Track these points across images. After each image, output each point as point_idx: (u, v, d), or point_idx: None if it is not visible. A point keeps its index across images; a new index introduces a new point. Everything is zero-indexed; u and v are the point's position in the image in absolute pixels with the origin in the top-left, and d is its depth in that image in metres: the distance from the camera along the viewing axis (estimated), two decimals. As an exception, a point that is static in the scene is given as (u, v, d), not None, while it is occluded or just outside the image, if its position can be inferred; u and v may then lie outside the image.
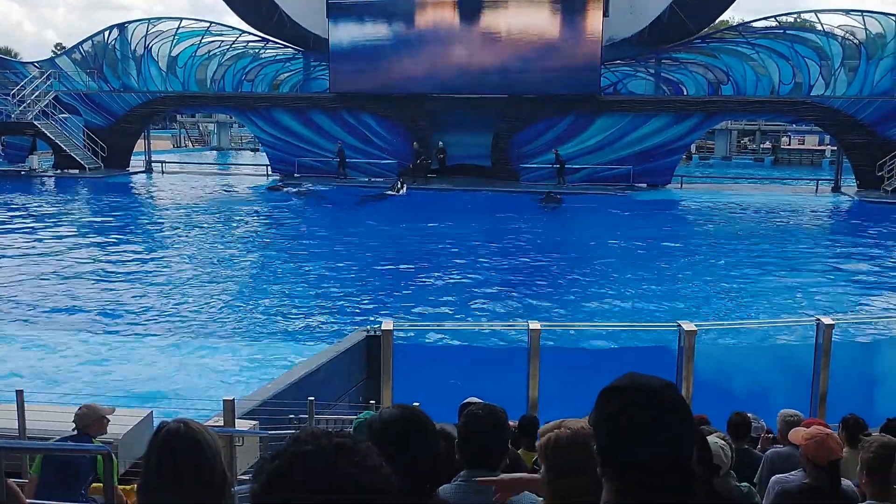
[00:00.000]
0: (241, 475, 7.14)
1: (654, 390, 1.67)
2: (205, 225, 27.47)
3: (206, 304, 16.84)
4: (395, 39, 37.36)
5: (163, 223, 28.04)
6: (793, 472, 4.49)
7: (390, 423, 2.50)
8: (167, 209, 31.61)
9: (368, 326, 11.71)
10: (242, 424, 7.59)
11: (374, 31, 37.52)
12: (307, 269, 20.40)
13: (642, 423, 1.63)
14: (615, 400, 1.69)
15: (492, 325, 14.60)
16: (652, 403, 1.65)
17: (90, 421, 5.97)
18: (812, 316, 11.29)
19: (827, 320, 10.21)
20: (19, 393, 6.79)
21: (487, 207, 31.00)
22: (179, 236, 25.21)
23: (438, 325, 13.79)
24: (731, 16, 53.62)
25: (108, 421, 6.16)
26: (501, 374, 10.59)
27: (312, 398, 8.25)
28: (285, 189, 35.37)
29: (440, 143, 38.00)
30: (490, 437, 3.06)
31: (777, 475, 4.62)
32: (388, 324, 10.31)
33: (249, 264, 21.33)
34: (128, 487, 5.89)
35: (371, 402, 9.77)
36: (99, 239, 24.22)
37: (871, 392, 10.93)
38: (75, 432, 5.98)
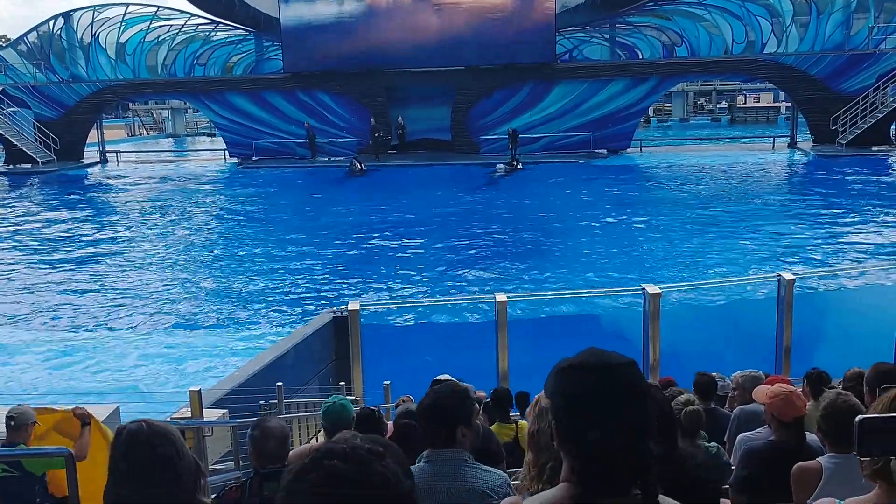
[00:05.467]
0: (213, 465, 7.09)
1: (612, 369, 1.65)
2: (158, 213, 27.08)
3: (162, 295, 16.63)
4: (347, 15, 36.96)
5: (113, 215, 27.60)
6: (759, 430, 4.54)
7: None
8: (120, 198, 31.11)
9: (335, 308, 11.66)
10: (211, 414, 7.52)
11: (325, 7, 37.05)
12: (268, 252, 20.22)
13: (597, 404, 1.61)
14: (570, 378, 1.67)
15: (458, 300, 14.60)
16: (607, 383, 1.63)
17: (24, 425, 5.21)
18: (774, 272, 11.43)
19: (788, 276, 10.34)
20: (-22, 396, 6.63)
21: (447, 181, 30.90)
22: (126, 226, 24.80)
23: (405, 303, 13.77)
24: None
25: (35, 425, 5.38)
26: (472, 348, 10.61)
27: (281, 383, 8.20)
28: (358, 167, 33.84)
29: (399, 118, 37.77)
30: (442, 412, 3.02)
31: (743, 433, 4.68)
32: (354, 304, 10.27)
33: (212, 249, 21.10)
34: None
35: (341, 383, 9.74)
36: (51, 234, 23.78)
37: (835, 343, 11.11)
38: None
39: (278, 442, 3.60)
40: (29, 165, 38.08)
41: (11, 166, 38.51)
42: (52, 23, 40.06)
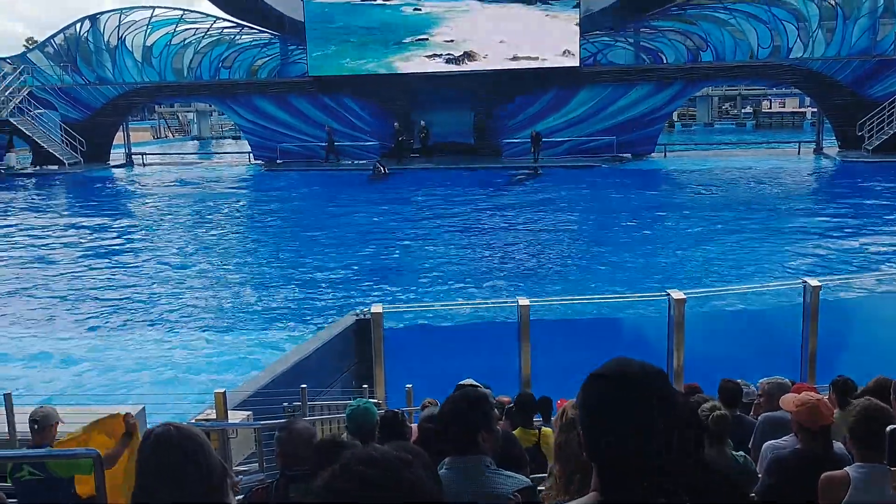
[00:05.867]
0: (236, 466, 7.14)
1: (628, 377, 1.65)
2: (185, 215, 27.28)
3: (188, 296, 16.75)
4: (372, 18, 37.13)
5: (142, 215, 27.84)
6: (785, 438, 4.51)
7: None
8: (147, 200, 31.37)
9: (358, 310, 11.70)
10: (235, 416, 7.56)
11: (350, 10, 37.21)
12: (292, 254, 20.32)
13: (613, 412, 1.62)
14: (591, 388, 1.68)
15: (481, 304, 14.59)
16: (623, 392, 1.63)
17: (48, 427, 5.30)
18: (799, 278, 11.33)
19: (813, 282, 10.25)
20: (7, 397, 6.71)
21: (469, 185, 30.89)
22: (151, 227, 25.00)
23: (428, 306, 13.77)
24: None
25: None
26: (494, 352, 10.59)
27: (304, 386, 8.23)
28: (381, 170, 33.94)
29: (422, 122, 37.85)
30: (461, 418, 3.02)
31: (769, 441, 4.65)
32: (377, 307, 10.28)
33: (237, 252, 21.24)
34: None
35: (364, 386, 9.77)
36: (76, 234, 24.02)
37: (860, 350, 10.99)
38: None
39: (305, 444, 3.62)
40: (56, 167, 38.51)
41: (38, 168, 38.95)
42: (78, 25, 40.51)
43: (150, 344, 13.72)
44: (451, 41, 36.62)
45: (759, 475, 4.27)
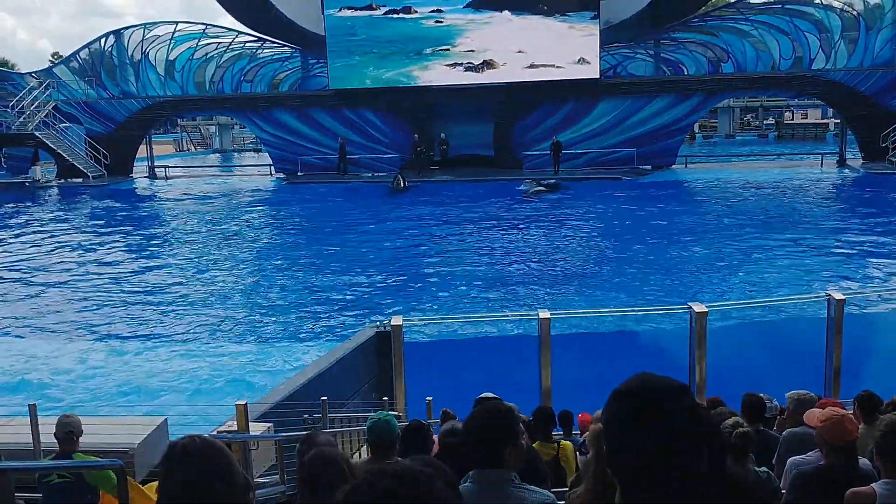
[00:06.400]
0: (257, 478, 7.15)
1: (663, 396, 1.64)
2: (206, 228, 27.47)
3: (209, 307, 16.84)
4: (393, 31, 37.35)
5: (164, 227, 28.07)
6: (809, 454, 4.46)
7: None
8: (170, 213, 31.62)
9: (378, 323, 11.71)
10: (256, 427, 7.59)
11: (372, 23, 37.45)
12: (312, 267, 20.38)
13: (646, 432, 1.61)
14: (621, 405, 1.67)
15: (501, 316, 14.57)
16: (657, 411, 1.62)
17: (74, 435, 5.44)
18: (822, 291, 11.23)
19: (838, 295, 10.16)
20: (32, 408, 6.77)
21: (489, 197, 30.89)
22: (179, 241, 25.17)
23: (448, 318, 13.76)
24: (727, -7, 53.17)
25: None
26: (514, 365, 10.57)
27: (325, 398, 8.25)
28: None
29: (442, 134, 37.96)
30: (489, 432, 3.01)
31: (794, 457, 4.60)
32: (397, 319, 10.30)
33: (254, 264, 21.34)
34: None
35: (384, 398, 9.77)
36: (101, 246, 24.23)
37: (885, 364, 10.87)
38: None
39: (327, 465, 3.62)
40: (80, 180, 38.91)
41: (63, 180, 39.38)
42: (103, 41, 41.03)
43: (172, 355, 13.79)
44: (472, 51, 36.79)
45: (783, 491, 4.22)
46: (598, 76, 35.91)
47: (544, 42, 35.91)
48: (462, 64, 36.87)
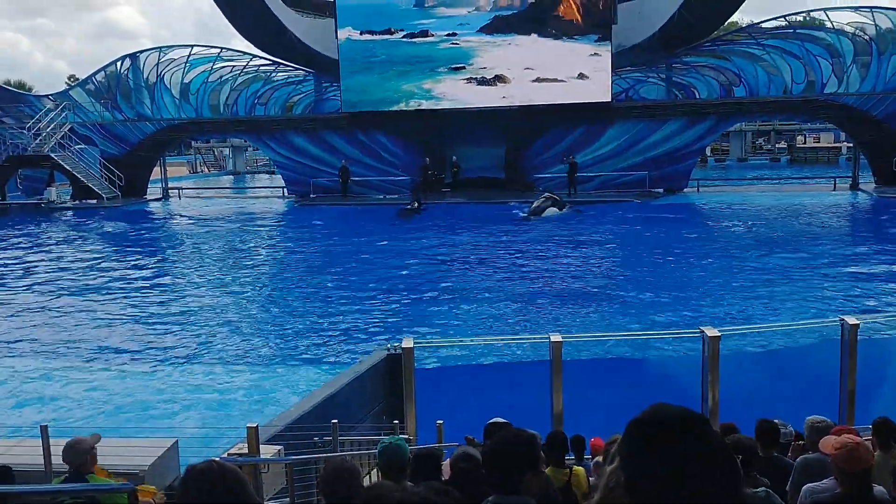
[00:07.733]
0: (267, 501, 7.13)
1: (680, 425, 1.64)
2: (219, 249, 27.57)
3: (222, 330, 16.86)
4: (407, 54, 37.66)
5: (177, 249, 28.19)
6: (824, 481, 4.42)
7: None
8: (183, 234, 31.77)
9: (389, 345, 11.68)
10: (267, 450, 7.57)
11: (386, 46, 37.76)
12: (322, 289, 20.41)
13: (664, 462, 1.61)
14: (638, 435, 1.67)
15: (512, 339, 14.52)
16: (674, 441, 1.62)
17: (84, 457, 5.44)
18: (836, 316, 11.15)
19: (852, 320, 10.08)
20: (44, 429, 6.78)
21: (499, 219, 30.90)
22: (192, 262, 25.29)
23: (458, 342, 13.73)
24: (739, 17, 53.43)
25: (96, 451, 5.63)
26: (525, 389, 10.51)
27: (336, 421, 8.22)
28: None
29: (453, 157, 38.11)
30: (511, 458, 3.00)
31: (809, 484, 4.56)
32: (408, 341, 10.26)
33: (264, 285, 21.39)
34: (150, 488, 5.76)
35: (395, 422, 9.73)
36: (114, 268, 24.34)
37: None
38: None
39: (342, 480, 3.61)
40: (95, 201, 39.19)
41: (78, 202, 39.67)
42: (119, 63, 41.51)
43: (182, 377, 13.80)
44: (485, 68, 37.14)
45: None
46: (609, 100, 36.02)
47: (556, 63, 36.10)
48: (476, 78, 37.15)
